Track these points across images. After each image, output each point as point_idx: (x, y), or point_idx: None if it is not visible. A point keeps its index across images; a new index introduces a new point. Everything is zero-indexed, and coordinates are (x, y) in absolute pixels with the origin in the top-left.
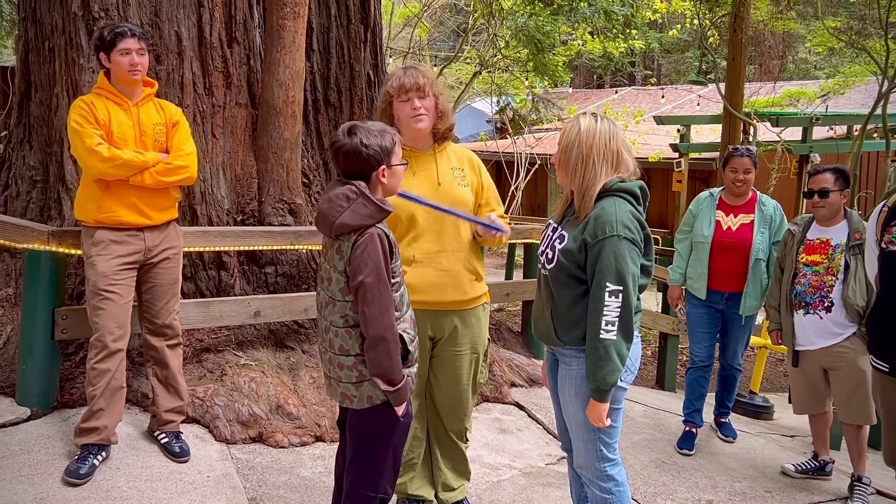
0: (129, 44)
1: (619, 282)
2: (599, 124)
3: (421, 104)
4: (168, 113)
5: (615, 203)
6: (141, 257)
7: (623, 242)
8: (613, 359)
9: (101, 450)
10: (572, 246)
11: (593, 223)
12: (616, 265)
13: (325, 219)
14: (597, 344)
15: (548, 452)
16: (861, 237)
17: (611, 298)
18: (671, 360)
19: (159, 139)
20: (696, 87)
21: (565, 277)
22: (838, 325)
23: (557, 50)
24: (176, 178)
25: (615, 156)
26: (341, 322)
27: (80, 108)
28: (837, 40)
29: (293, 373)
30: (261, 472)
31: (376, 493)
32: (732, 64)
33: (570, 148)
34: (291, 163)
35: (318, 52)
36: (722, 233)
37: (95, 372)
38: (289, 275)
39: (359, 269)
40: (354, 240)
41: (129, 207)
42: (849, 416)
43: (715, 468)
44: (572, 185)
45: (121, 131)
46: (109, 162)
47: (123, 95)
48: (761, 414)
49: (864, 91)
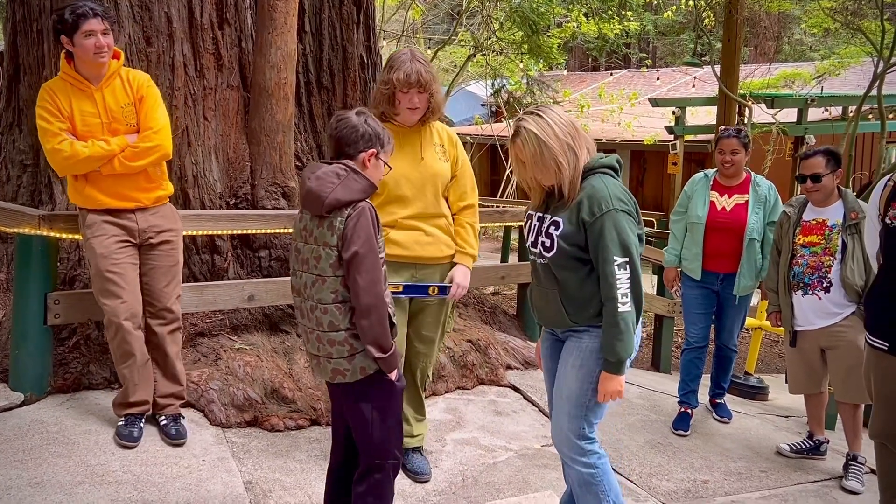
0: (92, 24)
1: (625, 253)
2: (546, 116)
3: (418, 99)
4: (135, 86)
5: (602, 180)
6: (136, 238)
7: (621, 215)
8: (630, 330)
9: (141, 418)
10: (570, 229)
11: (588, 202)
12: (619, 238)
13: (315, 196)
14: (616, 318)
15: (543, 434)
16: (857, 216)
17: (621, 271)
18: (666, 341)
19: (129, 121)
20: (692, 70)
21: (568, 261)
22: (837, 305)
23: (552, 32)
24: (147, 160)
25: (577, 133)
26: (331, 298)
27: (44, 99)
28: (833, 21)
29: (288, 356)
30: (256, 456)
31: (386, 460)
32: (727, 45)
33: (539, 153)
34: (284, 146)
35: (310, 34)
36: (716, 213)
37: (120, 352)
38: (283, 258)
39: (352, 241)
40: (348, 214)
41: (111, 195)
42: (846, 396)
43: (710, 449)
44: (557, 180)
45: (84, 121)
46: (71, 159)
47: (87, 81)
48: (756, 395)
49: (860, 72)
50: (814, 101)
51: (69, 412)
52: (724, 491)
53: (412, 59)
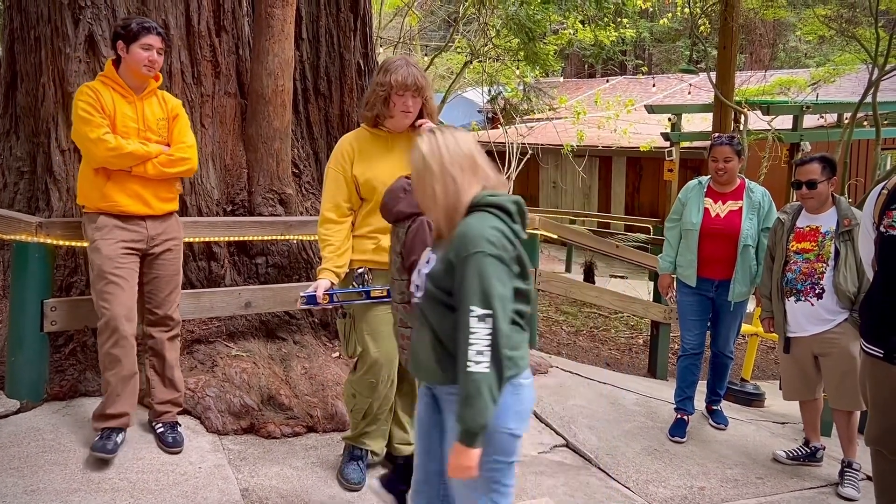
0: (152, 40)
1: (486, 305)
2: (441, 137)
3: (412, 103)
4: (170, 106)
5: (481, 218)
6: (143, 245)
7: (487, 260)
8: (484, 395)
9: (120, 431)
10: (438, 268)
11: (458, 240)
12: (481, 285)
13: (386, 208)
14: (465, 377)
15: (540, 441)
16: (850, 223)
17: (478, 324)
18: (663, 348)
19: (162, 134)
20: (687, 76)
21: (435, 305)
22: (829, 312)
23: (548, 39)
24: (178, 170)
25: (473, 166)
26: (399, 298)
27: (87, 94)
28: (828, 28)
29: (285, 363)
30: (253, 463)
31: None
32: (723, 52)
33: (422, 174)
34: (281, 153)
35: (307, 41)
36: (710, 220)
37: (110, 358)
38: (279, 265)
39: (411, 250)
40: (408, 225)
41: (132, 196)
42: (839, 403)
43: (707, 455)
44: (436, 210)
45: (124, 124)
46: (115, 151)
47: (130, 88)
48: (752, 401)
49: (854, 79)
50: (809, 107)
51: (65, 419)
52: (720, 498)
53: (407, 63)
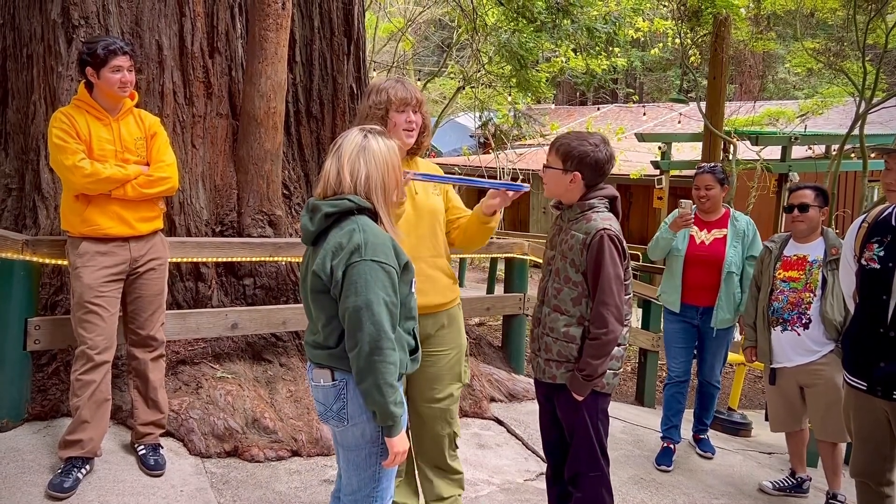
0: (121, 61)
1: None
2: (371, 137)
3: (414, 118)
4: (147, 124)
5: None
6: (127, 268)
7: None
8: None
9: (86, 463)
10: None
11: None
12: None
13: None
14: None
15: (526, 468)
16: (838, 252)
17: None
18: (650, 375)
19: (140, 153)
20: (678, 105)
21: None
22: (816, 343)
23: (540, 66)
24: (158, 190)
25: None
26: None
27: (61, 120)
28: (816, 61)
29: (270, 386)
30: (235, 487)
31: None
32: (713, 83)
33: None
34: (272, 174)
35: (300, 64)
36: (695, 247)
37: (80, 383)
38: (267, 287)
39: None
40: None
41: (114, 219)
42: (825, 434)
43: (693, 485)
44: None
45: (101, 147)
46: (92, 177)
47: (104, 110)
48: (739, 430)
49: (842, 112)
50: (797, 139)
51: (46, 440)
52: None
53: (397, 80)
